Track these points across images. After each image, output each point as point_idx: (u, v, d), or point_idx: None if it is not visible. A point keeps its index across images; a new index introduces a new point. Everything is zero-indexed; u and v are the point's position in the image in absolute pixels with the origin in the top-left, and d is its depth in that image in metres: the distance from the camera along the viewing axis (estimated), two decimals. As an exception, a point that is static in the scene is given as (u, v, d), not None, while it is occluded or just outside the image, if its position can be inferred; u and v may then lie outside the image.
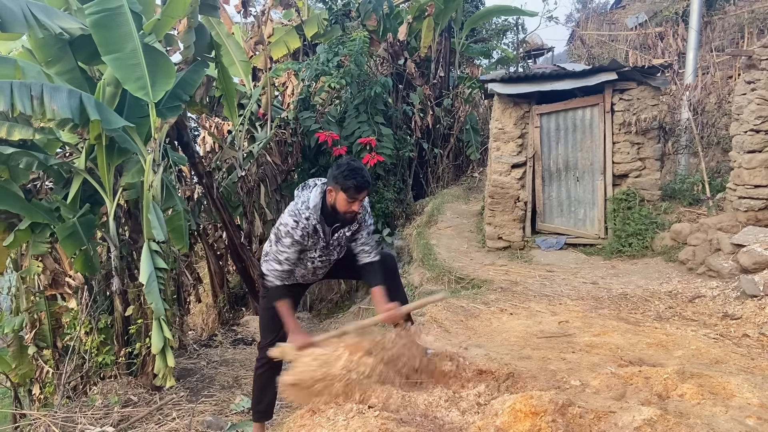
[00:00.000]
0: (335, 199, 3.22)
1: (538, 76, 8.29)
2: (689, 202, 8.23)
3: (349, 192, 3.15)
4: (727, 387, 3.13)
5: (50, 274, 6.66)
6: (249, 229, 10.56)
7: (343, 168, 3.16)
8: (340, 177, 3.14)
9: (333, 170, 3.21)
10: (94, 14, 5.62)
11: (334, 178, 3.18)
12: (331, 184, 3.21)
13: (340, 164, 3.20)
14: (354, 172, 3.14)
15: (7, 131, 5.42)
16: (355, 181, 3.13)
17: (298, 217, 3.22)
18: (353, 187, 3.14)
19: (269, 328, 3.62)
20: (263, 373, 3.67)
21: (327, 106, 10.98)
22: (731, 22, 13.89)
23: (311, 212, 3.24)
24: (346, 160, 3.23)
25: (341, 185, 3.15)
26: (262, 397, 3.73)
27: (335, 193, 3.20)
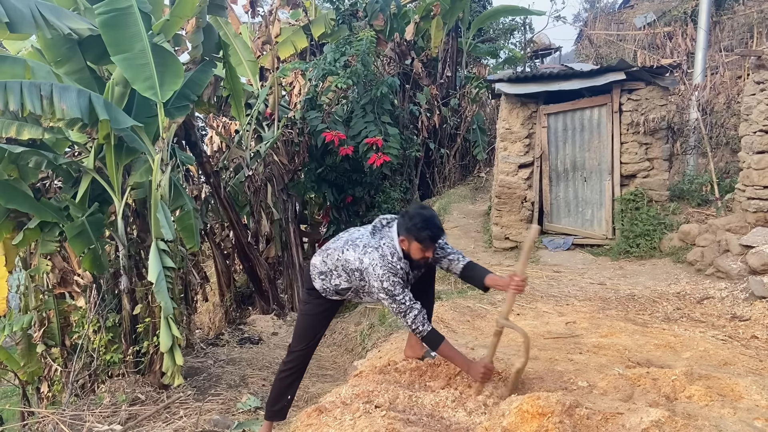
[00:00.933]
0: (408, 248, 3.23)
1: (546, 76, 8.26)
2: (698, 202, 8.19)
3: (425, 243, 3.17)
4: (736, 389, 3.12)
5: (59, 272, 6.71)
6: (256, 228, 10.61)
7: (417, 220, 3.15)
8: (414, 229, 3.15)
9: (405, 221, 3.20)
10: (104, 14, 5.65)
11: (407, 230, 3.18)
12: (403, 235, 3.21)
13: (412, 216, 3.19)
14: (427, 223, 3.15)
15: (16, 130, 5.46)
16: (430, 232, 3.15)
17: (395, 270, 3.21)
18: (428, 238, 3.16)
19: (305, 335, 3.65)
20: (288, 376, 3.70)
21: (334, 106, 11.00)
22: (740, 22, 13.79)
23: (404, 263, 3.25)
24: (417, 211, 3.22)
25: (415, 236, 3.16)
26: (280, 399, 3.74)
27: (408, 243, 3.21)
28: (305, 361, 3.72)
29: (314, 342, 3.69)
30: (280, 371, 3.75)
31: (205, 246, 10.66)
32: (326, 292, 3.49)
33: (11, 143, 5.70)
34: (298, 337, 3.68)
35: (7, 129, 5.44)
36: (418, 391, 3.22)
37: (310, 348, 3.68)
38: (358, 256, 3.29)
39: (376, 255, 3.22)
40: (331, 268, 3.42)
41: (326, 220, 11.53)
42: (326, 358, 7.41)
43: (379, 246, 3.25)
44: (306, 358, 3.70)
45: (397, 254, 3.23)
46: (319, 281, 3.48)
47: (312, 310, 3.61)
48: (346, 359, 7.09)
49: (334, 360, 7.31)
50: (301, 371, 3.75)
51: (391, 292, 3.19)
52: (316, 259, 3.53)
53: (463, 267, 3.45)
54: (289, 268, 10.41)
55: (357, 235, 3.44)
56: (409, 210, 3.27)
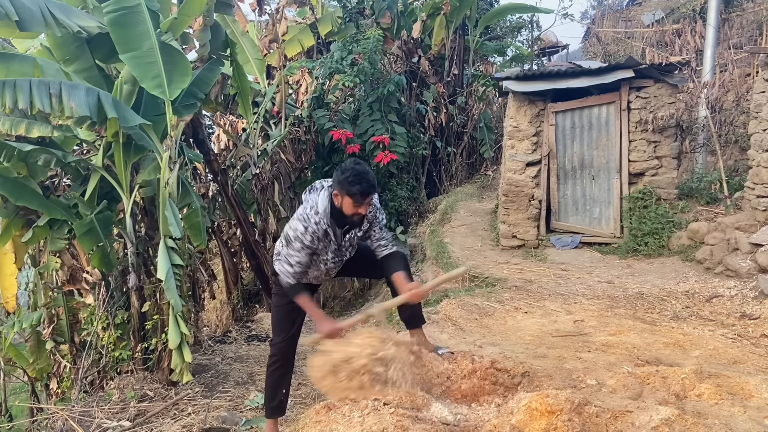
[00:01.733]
0: (341, 203, 3.17)
1: (554, 74, 8.24)
2: (707, 201, 8.15)
3: (355, 197, 3.12)
4: (746, 387, 3.10)
5: (68, 270, 6.74)
6: (263, 226, 10.62)
7: (348, 173, 3.10)
8: (345, 182, 3.09)
9: (338, 174, 3.15)
10: (112, 13, 5.67)
11: (339, 183, 3.13)
12: (336, 189, 3.16)
13: (344, 168, 3.14)
14: (359, 177, 3.09)
15: (26, 128, 5.49)
16: (360, 186, 3.09)
17: (307, 222, 3.19)
18: (359, 193, 3.10)
19: (282, 326, 3.64)
20: (276, 370, 3.69)
21: (341, 104, 11.00)
22: (749, 19, 13.69)
23: (321, 216, 3.20)
24: (351, 164, 3.16)
25: (346, 190, 3.11)
26: (275, 394, 3.75)
27: (341, 197, 3.16)
28: (289, 352, 3.69)
29: (294, 332, 3.63)
30: (268, 366, 3.74)
31: (213, 244, 10.70)
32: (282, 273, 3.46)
33: (21, 141, 5.73)
34: (275, 328, 3.68)
35: (16, 127, 5.47)
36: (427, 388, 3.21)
37: (291, 338, 3.64)
38: None
39: (300, 209, 3.28)
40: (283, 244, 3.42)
41: (333, 218, 11.52)
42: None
43: (307, 200, 3.29)
44: (289, 348, 3.67)
45: (315, 209, 3.21)
46: (277, 264, 3.44)
47: (281, 300, 3.59)
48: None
49: (341, 358, 7.31)
50: (289, 363, 3.71)
51: (288, 238, 3.24)
52: (277, 242, 3.53)
53: (385, 255, 3.43)
54: (296, 266, 10.40)
55: None
56: (344, 164, 3.22)
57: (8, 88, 5.07)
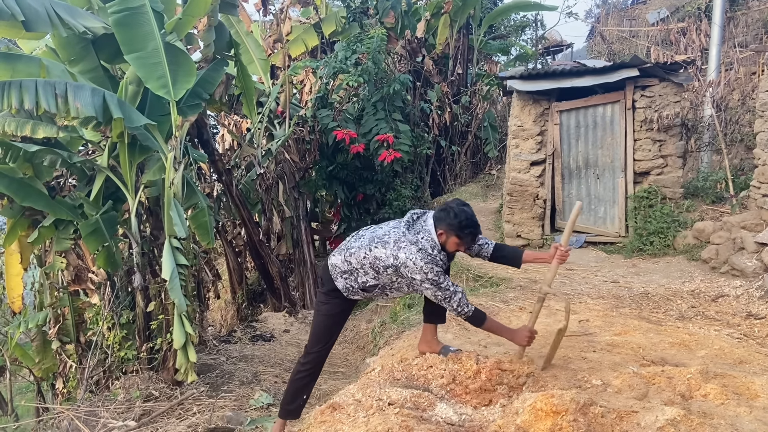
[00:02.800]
0: (446, 241, 3.33)
1: (558, 73, 8.22)
2: (712, 200, 8.12)
3: (465, 240, 3.32)
4: (752, 387, 3.09)
5: (73, 270, 6.77)
6: (267, 226, 10.63)
7: (462, 218, 3.26)
8: (456, 225, 3.26)
9: (449, 217, 3.28)
10: (117, 13, 5.69)
11: (449, 224, 3.27)
12: (443, 228, 3.30)
13: (457, 212, 3.27)
14: (471, 221, 3.29)
15: (31, 129, 5.51)
16: (473, 230, 3.31)
17: (436, 262, 3.29)
18: (470, 236, 3.32)
19: (322, 336, 3.66)
20: (304, 377, 3.71)
21: (345, 104, 11.00)
22: (755, 18, 13.64)
23: (443, 254, 3.35)
24: (461, 208, 3.31)
25: (456, 232, 3.28)
26: (295, 398, 3.75)
27: (446, 236, 3.31)
28: (321, 361, 3.73)
29: (331, 342, 3.70)
30: (296, 371, 3.75)
31: (217, 244, 10.71)
32: (349, 291, 3.50)
33: (26, 142, 5.76)
34: (316, 338, 3.68)
35: (22, 127, 5.49)
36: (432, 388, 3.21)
37: (326, 348, 3.69)
38: (391, 252, 3.31)
39: (414, 249, 3.26)
40: (357, 267, 3.42)
41: (337, 217, 11.55)
42: (338, 355, 7.42)
43: (416, 240, 3.30)
44: (322, 358, 3.72)
45: (437, 247, 3.31)
46: (341, 281, 3.48)
47: (330, 311, 3.62)
48: (357, 357, 7.10)
49: (345, 357, 7.32)
50: (317, 372, 3.76)
51: (436, 281, 3.27)
52: (336, 259, 3.52)
53: (493, 249, 3.60)
54: (300, 266, 10.43)
55: (382, 232, 3.45)
56: (452, 206, 3.33)
57: (14, 89, 5.10)
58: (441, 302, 3.36)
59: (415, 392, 2.99)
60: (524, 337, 3.43)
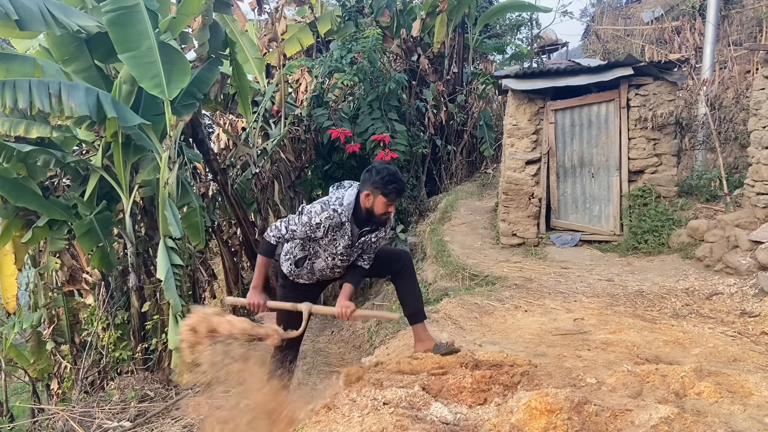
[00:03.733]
0: (373, 202, 3.34)
1: (553, 72, 8.23)
2: (706, 198, 8.14)
3: (390, 196, 3.32)
4: (746, 385, 3.10)
5: (68, 270, 6.75)
6: (263, 225, 10.60)
7: (384, 173, 3.29)
8: (380, 182, 3.28)
9: (372, 175, 3.32)
10: (111, 12, 5.68)
11: (373, 183, 3.30)
12: (368, 188, 3.32)
13: (379, 169, 3.32)
14: (394, 176, 3.30)
15: (25, 129, 5.50)
16: (396, 185, 3.31)
17: (326, 207, 3.32)
18: (395, 191, 3.31)
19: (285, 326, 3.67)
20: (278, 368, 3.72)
21: (340, 103, 10.99)
22: (749, 16, 13.68)
23: (344, 209, 3.34)
24: (383, 165, 3.36)
25: (381, 189, 3.29)
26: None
27: (373, 197, 3.32)
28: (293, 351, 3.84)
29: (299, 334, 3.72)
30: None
31: (213, 243, 10.70)
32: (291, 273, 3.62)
33: (20, 142, 5.74)
34: None
35: (15, 127, 5.48)
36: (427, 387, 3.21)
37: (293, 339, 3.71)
38: None
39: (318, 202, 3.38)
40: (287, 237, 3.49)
41: (333, 217, 11.52)
42: (334, 355, 7.42)
43: (331, 194, 3.43)
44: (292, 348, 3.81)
45: (341, 200, 3.35)
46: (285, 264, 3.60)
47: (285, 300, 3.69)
48: (353, 356, 7.10)
49: (341, 357, 7.32)
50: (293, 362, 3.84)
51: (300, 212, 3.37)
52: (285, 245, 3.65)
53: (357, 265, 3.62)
54: (296, 265, 10.41)
55: None
56: (375, 165, 3.39)
57: (8, 89, 5.08)
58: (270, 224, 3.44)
59: (410, 391, 2.98)
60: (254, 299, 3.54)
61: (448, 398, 3.10)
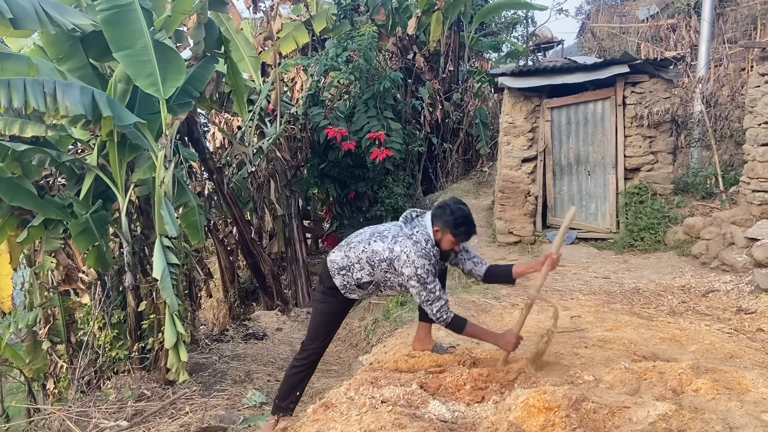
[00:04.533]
0: (441, 238, 3.36)
1: (549, 70, 8.23)
2: (702, 195, 8.16)
3: (460, 237, 3.36)
4: (742, 382, 3.11)
5: (63, 269, 6.73)
6: (259, 224, 10.61)
7: (458, 215, 3.32)
8: (452, 222, 3.31)
9: (445, 214, 3.33)
10: (105, 11, 5.65)
11: (445, 221, 3.32)
12: (439, 225, 3.34)
13: (453, 210, 3.34)
14: (467, 219, 3.34)
15: (19, 128, 5.47)
16: (468, 228, 3.35)
17: (429, 257, 3.32)
18: (464, 234, 3.36)
19: (319, 333, 3.67)
20: (298, 372, 3.72)
21: (336, 102, 10.98)
22: (744, 14, 13.72)
23: (436, 250, 3.37)
24: (458, 206, 3.37)
25: (452, 230, 3.32)
26: (289, 395, 3.76)
27: (442, 234, 3.35)
28: (317, 359, 3.74)
29: (328, 340, 3.72)
30: (291, 366, 3.77)
31: (209, 242, 10.68)
32: (346, 288, 3.51)
33: (15, 141, 5.71)
34: (313, 335, 3.69)
35: (10, 126, 5.45)
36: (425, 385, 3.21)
37: (323, 346, 3.71)
38: (387, 246, 3.36)
39: (409, 243, 3.31)
40: (354, 262, 3.45)
41: (329, 215, 11.54)
42: (331, 353, 7.41)
43: (412, 234, 3.35)
44: (318, 356, 3.73)
45: (431, 241, 3.34)
46: (339, 277, 3.50)
47: (327, 309, 3.64)
48: (350, 354, 7.10)
49: (338, 355, 7.32)
50: (312, 368, 3.78)
51: (423, 279, 3.29)
52: (336, 255, 3.55)
53: (486, 269, 3.60)
54: (292, 264, 10.41)
55: (383, 228, 3.53)
56: (449, 203, 3.39)
57: (2, 87, 5.06)
58: (423, 304, 3.37)
59: (408, 390, 2.98)
60: (509, 342, 3.40)
61: (446, 396, 3.11)
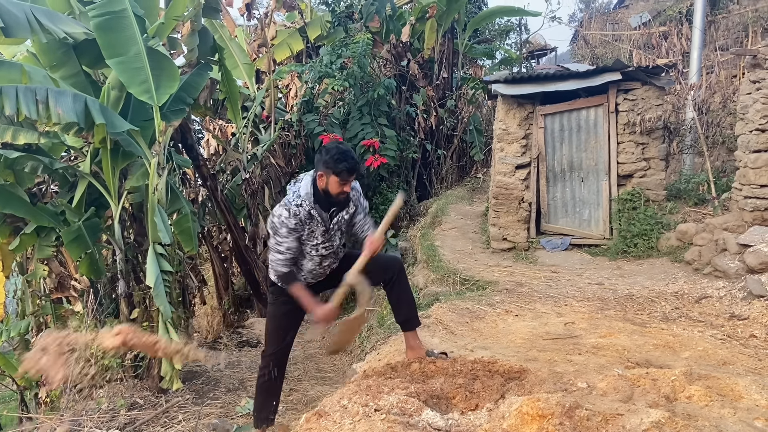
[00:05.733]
0: (327, 183, 3.28)
1: (542, 77, 8.27)
2: (695, 202, 8.20)
3: (342, 175, 3.24)
4: (735, 388, 3.11)
5: (56, 277, 6.69)
6: (253, 231, 10.57)
7: (333, 152, 3.24)
8: (331, 161, 3.22)
9: (322, 155, 3.28)
10: (98, 17, 5.65)
11: (324, 163, 3.25)
12: (321, 169, 3.27)
13: (328, 149, 3.27)
14: (344, 155, 3.24)
15: (12, 135, 5.45)
16: (346, 163, 3.23)
17: (289, 206, 3.29)
18: (345, 170, 3.25)
19: (275, 337, 3.66)
20: (267, 381, 3.70)
21: (330, 108, 10.99)
22: (735, 21, 13.84)
23: (303, 199, 3.31)
24: (334, 144, 3.32)
25: (332, 169, 3.23)
26: (264, 405, 3.75)
27: (326, 177, 3.27)
28: (281, 364, 3.72)
29: (285, 344, 3.68)
30: (258, 378, 3.76)
31: (203, 249, 10.63)
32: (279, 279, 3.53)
33: (7, 148, 5.69)
34: (268, 340, 3.70)
35: (2, 134, 5.44)
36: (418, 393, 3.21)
37: (282, 350, 3.68)
38: None
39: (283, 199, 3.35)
40: None
41: (324, 222, 11.50)
42: (325, 361, 7.39)
43: (289, 192, 3.39)
44: (280, 361, 3.71)
45: (297, 193, 3.32)
46: (271, 271, 3.52)
47: (275, 311, 3.64)
48: (344, 362, 7.08)
49: (332, 363, 7.30)
50: (280, 374, 3.74)
51: (275, 228, 3.31)
52: None
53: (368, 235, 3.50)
54: (286, 271, 10.37)
55: None
56: (326, 145, 3.37)
57: (-6, 95, 5.04)
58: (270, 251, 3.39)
59: (402, 398, 2.98)
60: (322, 312, 3.35)
61: (440, 404, 3.10)
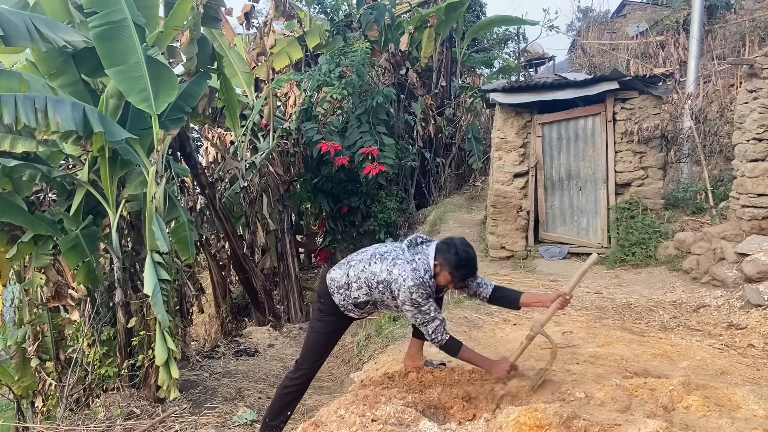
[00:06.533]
0: (439, 273, 3.33)
1: (540, 86, 8.30)
2: (692, 210, 8.21)
3: (455, 278, 3.34)
4: (733, 398, 3.11)
5: (53, 286, 6.67)
6: (251, 239, 10.58)
7: (462, 256, 3.29)
8: (454, 262, 3.28)
9: (449, 251, 3.30)
10: (98, 27, 5.66)
11: (446, 260, 3.30)
12: (440, 261, 3.31)
13: (458, 250, 3.30)
14: (469, 263, 3.32)
15: (10, 144, 5.45)
16: (466, 272, 3.35)
17: (425, 287, 3.29)
18: (461, 278, 3.36)
19: (314, 353, 3.64)
20: (291, 393, 3.68)
21: (329, 117, 11.01)
22: (732, 31, 13.91)
23: (433, 282, 3.34)
24: (464, 247, 3.33)
25: (451, 270, 3.31)
26: (279, 414, 3.71)
27: (441, 269, 3.32)
28: (310, 378, 3.71)
29: (323, 360, 3.69)
30: (283, 386, 3.72)
31: (201, 257, 10.63)
32: (344, 307, 3.49)
33: (5, 156, 5.69)
34: (308, 354, 3.66)
35: (1, 142, 5.43)
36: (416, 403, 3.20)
37: (317, 365, 3.68)
38: (386, 267, 3.34)
39: (408, 268, 3.28)
40: (353, 280, 3.42)
41: (322, 230, 11.52)
42: (323, 369, 7.32)
43: (412, 260, 3.32)
44: (311, 375, 3.70)
45: (429, 272, 3.31)
46: (338, 296, 3.47)
47: (324, 328, 3.61)
48: (342, 371, 7.06)
49: (330, 371, 7.27)
50: (305, 388, 3.74)
51: (418, 303, 3.27)
52: (336, 273, 3.52)
53: (492, 291, 3.54)
54: (285, 279, 10.38)
55: (384, 249, 3.50)
56: (457, 242, 3.36)
57: (-7, 104, 5.04)
58: (419, 326, 3.37)
59: (399, 408, 2.97)
60: (503, 370, 3.37)
61: (437, 414, 3.09)
